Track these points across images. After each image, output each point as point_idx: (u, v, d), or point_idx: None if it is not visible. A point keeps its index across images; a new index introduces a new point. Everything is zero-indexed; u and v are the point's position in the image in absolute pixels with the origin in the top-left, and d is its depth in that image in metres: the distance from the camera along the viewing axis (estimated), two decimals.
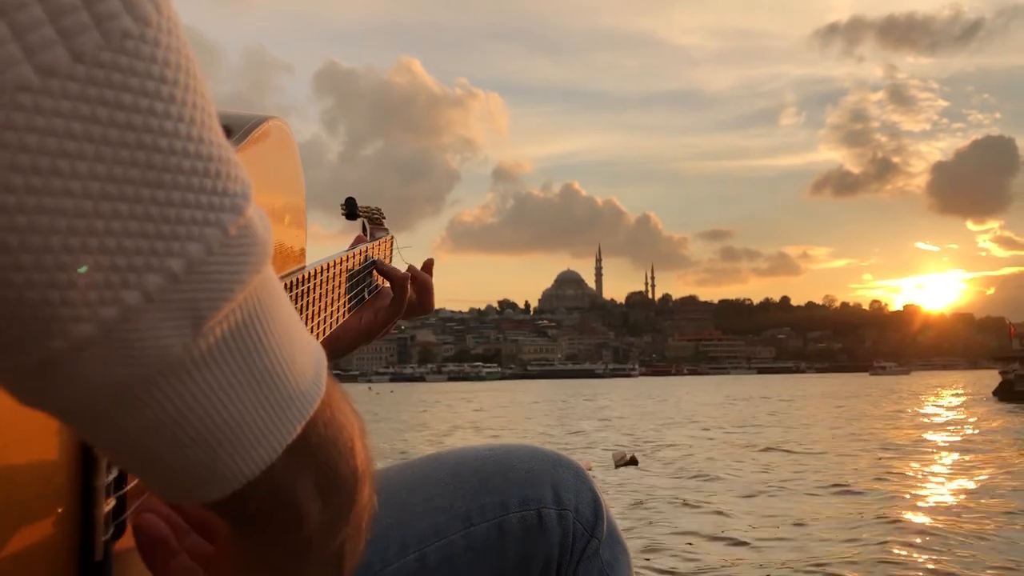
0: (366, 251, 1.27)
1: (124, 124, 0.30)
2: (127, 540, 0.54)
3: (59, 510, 0.47)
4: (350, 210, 1.36)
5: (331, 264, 1.10)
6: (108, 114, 0.30)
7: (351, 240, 1.33)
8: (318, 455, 0.40)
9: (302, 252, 1.02)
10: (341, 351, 1.28)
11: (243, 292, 0.34)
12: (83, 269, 0.30)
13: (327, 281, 1.08)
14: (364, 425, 0.45)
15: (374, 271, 1.29)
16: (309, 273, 1.01)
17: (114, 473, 0.52)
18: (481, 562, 0.81)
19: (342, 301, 1.16)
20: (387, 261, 1.35)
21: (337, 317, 1.13)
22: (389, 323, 1.29)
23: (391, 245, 1.41)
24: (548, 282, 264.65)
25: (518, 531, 0.82)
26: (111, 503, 0.51)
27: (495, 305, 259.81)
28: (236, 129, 0.82)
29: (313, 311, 1.02)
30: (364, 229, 1.39)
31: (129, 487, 0.55)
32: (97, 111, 0.29)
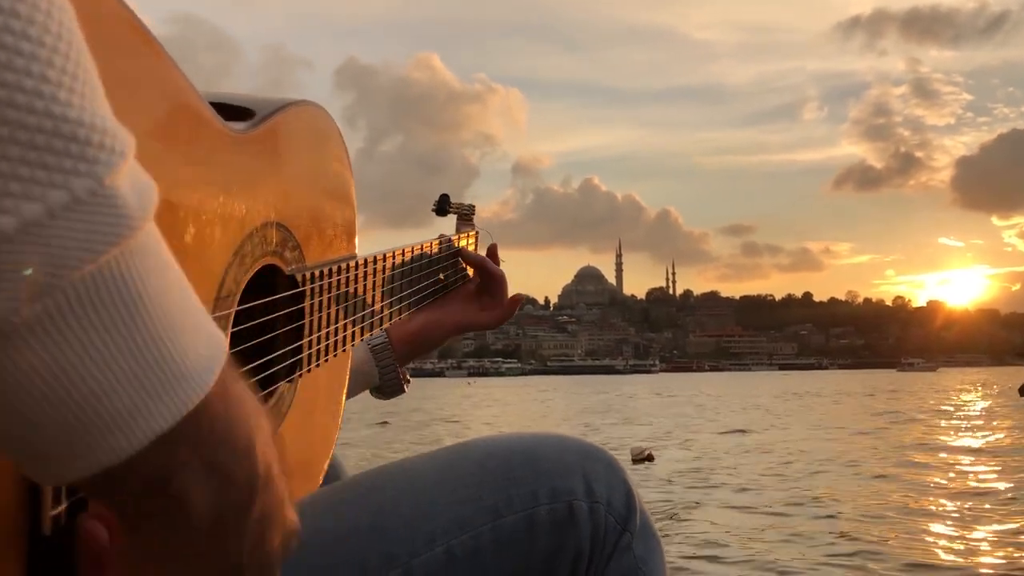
0: (449, 242, 1.30)
1: None
2: (96, 514, 0.51)
3: (6, 480, 0.44)
4: (441, 206, 1.38)
5: (397, 253, 1.11)
6: None
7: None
8: (203, 451, 0.37)
9: (350, 238, 1.01)
10: (432, 344, 1.30)
11: (93, 263, 0.32)
12: None
13: (396, 268, 1.09)
14: (272, 428, 0.42)
15: (459, 264, 1.33)
16: (372, 258, 1.01)
17: None
18: (509, 555, 0.79)
19: (418, 288, 1.18)
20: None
21: (406, 305, 1.14)
22: (480, 326, 1.32)
23: (476, 239, 1.42)
24: (568, 278, 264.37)
25: (547, 524, 0.80)
26: None
27: None
28: (261, 110, 0.81)
29: (377, 294, 1.02)
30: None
31: None
32: None
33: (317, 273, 0.90)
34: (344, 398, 1.04)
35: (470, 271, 1.36)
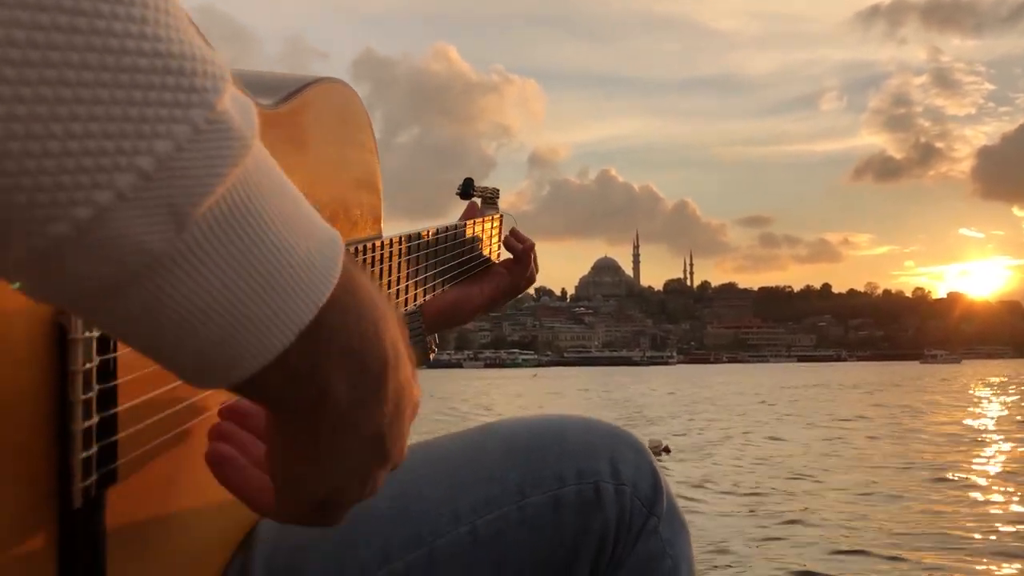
0: (473, 224, 1.31)
1: (74, 28, 0.30)
2: (126, 487, 0.53)
3: (31, 457, 0.46)
4: (465, 190, 1.40)
5: (428, 232, 1.13)
6: (64, 18, 0.30)
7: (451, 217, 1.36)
8: (337, 339, 0.41)
9: (376, 221, 1.01)
10: (462, 318, 1.32)
11: (223, 184, 0.34)
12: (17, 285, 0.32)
13: (421, 248, 1.10)
14: (396, 313, 0.45)
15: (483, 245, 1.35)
16: (398, 238, 1.01)
17: (96, 418, 0.50)
18: (534, 535, 0.79)
19: (444, 268, 1.19)
20: (496, 239, 1.39)
21: (431, 287, 1.16)
22: (511, 294, 1.34)
23: (500, 223, 1.44)
24: (585, 269, 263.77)
25: (574, 505, 0.80)
26: (93, 449, 0.49)
27: (532, 292, 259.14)
28: (288, 87, 0.80)
29: (404, 274, 1.04)
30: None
31: (121, 434, 0.53)
32: (53, 16, 0.30)
33: (360, 247, 0.89)
34: None
35: (494, 256, 1.37)
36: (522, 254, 1.34)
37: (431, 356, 1.32)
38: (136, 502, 0.56)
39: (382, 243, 0.98)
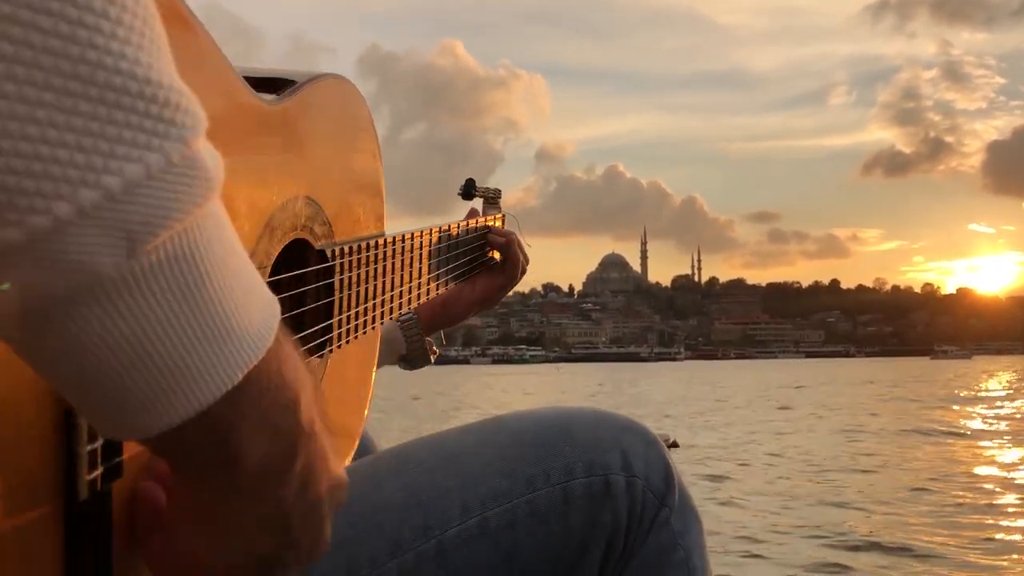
0: (476, 223, 1.34)
1: (67, 36, 0.30)
2: (129, 480, 0.52)
3: (36, 447, 0.44)
4: (467, 190, 1.43)
5: (430, 231, 1.14)
6: (51, 23, 0.30)
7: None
8: (259, 405, 0.40)
9: (379, 219, 1.01)
10: (456, 317, 1.35)
11: (183, 222, 0.33)
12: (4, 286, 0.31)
13: (424, 247, 1.11)
14: (314, 385, 0.44)
15: (486, 245, 1.37)
16: (400, 236, 1.01)
17: None
18: (544, 528, 0.78)
19: (453, 266, 1.21)
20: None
21: (434, 285, 1.17)
22: (503, 289, 1.37)
23: (502, 222, 1.46)
24: (592, 265, 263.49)
25: (583, 498, 0.79)
26: (99, 442, 0.48)
27: (539, 288, 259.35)
28: (290, 83, 0.80)
29: (407, 274, 1.04)
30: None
31: None
32: (38, 19, 0.29)
33: (347, 248, 0.89)
34: (375, 370, 1.05)
35: (495, 255, 1.39)
36: (504, 247, 1.36)
37: (432, 357, 1.34)
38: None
39: (385, 240, 0.98)
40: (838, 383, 40.00)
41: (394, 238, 1.00)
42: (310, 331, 0.84)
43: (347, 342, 0.91)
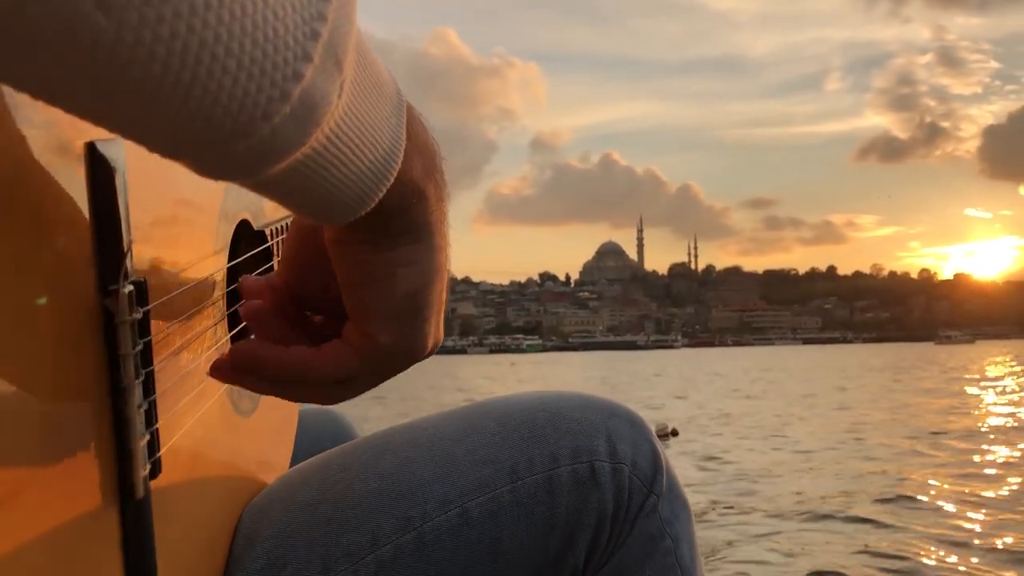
0: None
1: None
2: (164, 478, 0.52)
3: (92, 443, 0.44)
4: None
5: None
6: None
7: None
8: (416, 141, 0.48)
9: None
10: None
11: (353, 29, 0.39)
12: None
13: None
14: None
15: None
16: None
17: (145, 404, 0.49)
18: (528, 517, 0.76)
19: None
20: None
21: None
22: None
23: None
24: (589, 254, 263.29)
25: (568, 486, 0.77)
26: (147, 436, 0.48)
27: (535, 277, 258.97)
28: None
29: None
30: None
31: (160, 422, 0.52)
32: None
33: (282, 227, 0.88)
34: None
35: None
36: None
37: None
38: (170, 495, 0.56)
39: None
40: (852, 371, 39.43)
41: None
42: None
43: None
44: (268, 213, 0.87)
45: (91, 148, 0.45)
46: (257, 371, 0.53)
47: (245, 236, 0.81)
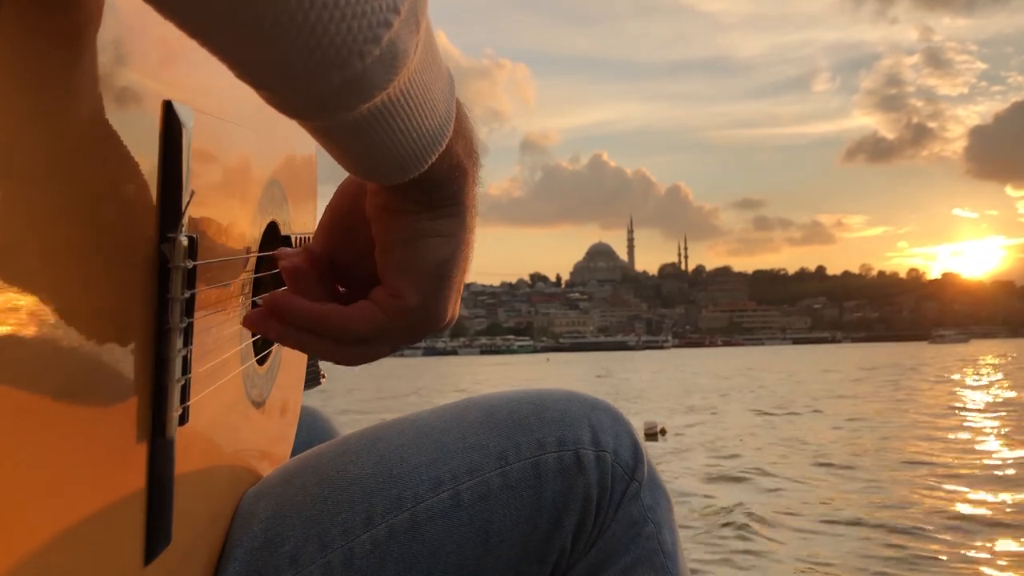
0: None
1: None
2: (184, 438, 0.53)
3: (133, 377, 0.46)
4: None
5: None
6: None
7: None
8: (460, 124, 0.54)
9: (313, 210, 1.02)
10: None
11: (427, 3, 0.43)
12: None
13: None
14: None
15: None
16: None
17: (185, 350, 0.51)
18: (517, 501, 0.80)
19: None
20: None
21: None
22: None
23: None
24: (579, 255, 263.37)
25: (555, 471, 0.81)
26: (180, 383, 0.50)
27: (526, 278, 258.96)
28: None
29: None
30: None
31: (191, 373, 0.54)
32: None
33: (306, 238, 0.91)
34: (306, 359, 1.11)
35: None
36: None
37: (322, 380, 1.35)
38: (192, 444, 0.57)
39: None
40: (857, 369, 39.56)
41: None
42: None
43: None
44: (293, 223, 0.89)
45: (167, 106, 0.48)
46: (290, 317, 0.56)
47: (271, 237, 0.83)
